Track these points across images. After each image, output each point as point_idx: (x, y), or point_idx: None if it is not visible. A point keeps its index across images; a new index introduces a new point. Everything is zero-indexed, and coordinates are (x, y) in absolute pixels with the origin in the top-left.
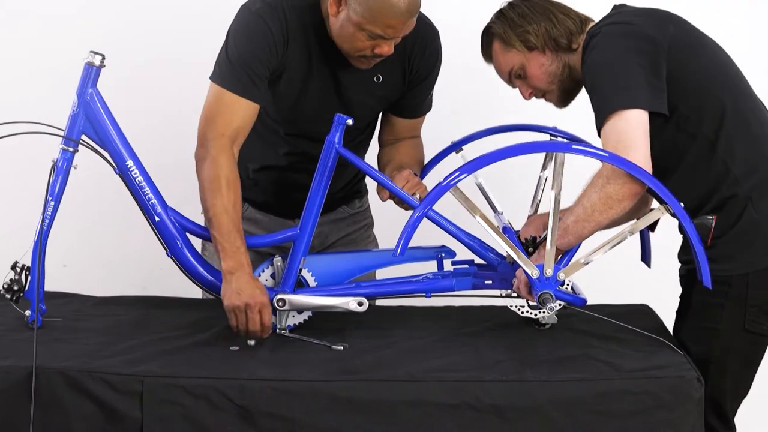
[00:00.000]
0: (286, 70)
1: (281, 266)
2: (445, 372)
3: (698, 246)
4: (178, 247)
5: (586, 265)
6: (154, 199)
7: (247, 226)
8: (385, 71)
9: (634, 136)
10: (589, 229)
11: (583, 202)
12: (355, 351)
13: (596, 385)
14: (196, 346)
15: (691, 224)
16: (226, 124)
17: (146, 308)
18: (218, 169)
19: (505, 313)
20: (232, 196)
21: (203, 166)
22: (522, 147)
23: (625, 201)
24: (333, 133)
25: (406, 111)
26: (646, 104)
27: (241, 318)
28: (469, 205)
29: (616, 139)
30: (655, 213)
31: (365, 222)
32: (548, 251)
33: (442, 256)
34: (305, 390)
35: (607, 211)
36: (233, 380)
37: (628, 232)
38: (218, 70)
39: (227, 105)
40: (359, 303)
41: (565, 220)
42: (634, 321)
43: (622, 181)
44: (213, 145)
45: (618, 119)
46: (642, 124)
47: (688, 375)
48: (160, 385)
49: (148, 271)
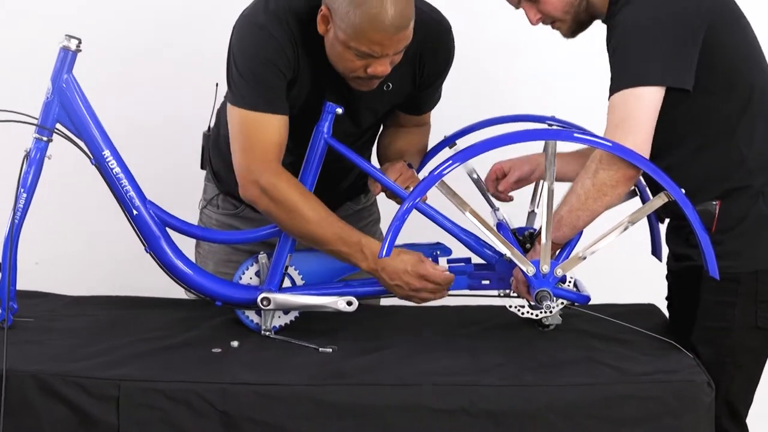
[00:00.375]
0: (298, 81)
1: (266, 263)
2: (440, 376)
3: (702, 234)
4: (157, 243)
5: (584, 259)
6: (132, 191)
7: (244, 226)
8: (395, 79)
9: (642, 119)
10: (584, 218)
11: (576, 189)
12: (344, 354)
13: (600, 390)
14: (176, 348)
15: (694, 211)
16: (265, 149)
17: (123, 308)
18: (284, 194)
19: (504, 314)
20: (315, 206)
21: (266, 203)
22: (519, 135)
23: (619, 186)
24: (322, 122)
25: (413, 109)
26: (668, 80)
27: (423, 293)
28: (457, 201)
29: (623, 115)
30: (655, 200)
31: (371, 218)
32: (543, 246)
33: (437, 253)
34: (291, 395)
35: (601, 198)
36: (215, 384)
37: (628, 222)
38: (236, 92)
39: (258, 128)
40: (348, 302)
41: (559, 210)
42: (640, 321)
43: (616, 167)
44: (264, 178)
45: (631, 95)
46: (654, 104)
47: (698, 379)
48: (138, 389)
49: (126, 268)
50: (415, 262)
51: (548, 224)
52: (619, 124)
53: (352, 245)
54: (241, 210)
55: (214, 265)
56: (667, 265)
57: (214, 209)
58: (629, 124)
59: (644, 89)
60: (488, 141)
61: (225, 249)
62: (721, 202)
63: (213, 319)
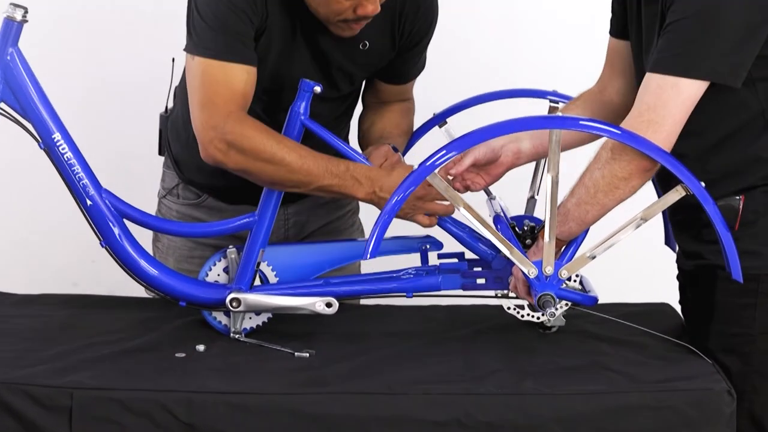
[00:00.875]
0: (266, 32)
1: (236, 259)
2: (431, 383)
3: (724, 232)
4: (113, 236)
5: (592, 259)
6: (85, 179)
7: (208, 216)
8: (372, 36)
9: (672, 113)
10: (593, 213)
11: (584, 180)
12: (324, 359)
13: (608, 399)
14: (136, 352)
15: (715, 206)
16: (228, 100)
17: (76, 308)
18: (254, 142)
19: (502, 314)
20: (291, 146)
21: (236, 158)
22: (519, 122)
23: (633, 179)
24: (298, 102)
25: (394, 76)
26: (719, 76)
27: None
28: (450, 195)
29: (653, 103)
30: (671, 194)
31: (349, 207)
32: (547, 245)
33: (426, 247)
34: (264, 405)
35: (612, 192)
36: (179, 393)
37: (641, 219)
38: (197, 40)
39: (222, 78)
40: (327, 304)
41: (565, 203)
42: (653, 323)
43: (629, 157)
44: (228, 129)
45: (670, 84)
46: (692, 99)
47: (718, 387)
48: (93, 398)
49: (79, 264)
50: (411, 167)
51: (552, 221)
52: (645, 111)
53: (342, 175)
54: (203, 199)
55: (175, 261)
56: (677, 264)
57: (174, 199)
58: (657, 115)
59: (687, 81)
60: (487, 129)
61: (187, 243)
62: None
63: (176, 320)
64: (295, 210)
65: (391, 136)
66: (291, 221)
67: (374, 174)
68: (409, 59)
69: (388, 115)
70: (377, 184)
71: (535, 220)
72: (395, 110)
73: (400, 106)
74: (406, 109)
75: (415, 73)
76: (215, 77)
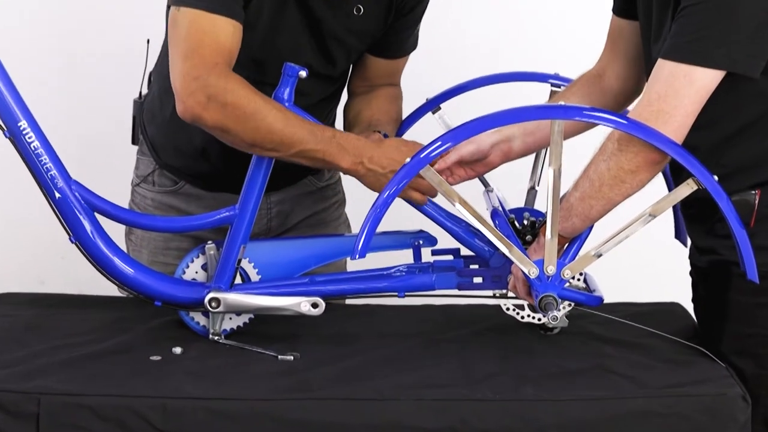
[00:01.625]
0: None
1: (215, 255)
2: (424, 388)
3: (739, 229)
4: (84, 231)
5: (598, 257)
6: (54, 169)
7: (185, 204)
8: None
9: (684, 104)
10: (597, 208)
11: (589, 173)
12: (309, 362)
13: (614, 405)
14: (107, 355)
15: (729, 201)
16: (214, 52)
17: (44, 308)
18: (237, 96)
19: (500, 314)
20: (276, 105)
21: (216, 113)
22: (519, 112)
23: (640, 173)
24: (282, 87)
25: (386, 49)
26: (736, 66)
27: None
28: (445, 189)
29: (664, 92)
30: (682, 188)
31: (336, 198)
32: (548, 243)
33: (419, 243)
34: (246, 412)
35: (618, 186)
36: (154, 399)
37: (650, 214)
38: None
39: (209, 30)
40: (314, 304)
41: (569, 197)
42: (662, 324)
43: (636, 148)
44: (212, 80)
45: (683, 73)
46: (705, 90)
47: (732, 392)
48: (61, 404)
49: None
50: (403, 140)
51: (554, 217)
52: (655, 100)
53: (327, 141)
54: (180, 186)
55: (149, 254)
56: (690, 260)
57: (148, 187)
58: (668, 105)
59: (701, 70)
60: (485, 119)
61: (163, 234)
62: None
63: (151, 321)
64: (279, 199)
65: (380, 124)
66: (274, 211)
67: (363, 144)
68: (402, 29)
69: (376, 102)
70: (366, 154)
71: (535, 213)
72: (383, 96)
73: (388, 92)
74: (394, 96)
75: (407, 47)
76: (202, 28)
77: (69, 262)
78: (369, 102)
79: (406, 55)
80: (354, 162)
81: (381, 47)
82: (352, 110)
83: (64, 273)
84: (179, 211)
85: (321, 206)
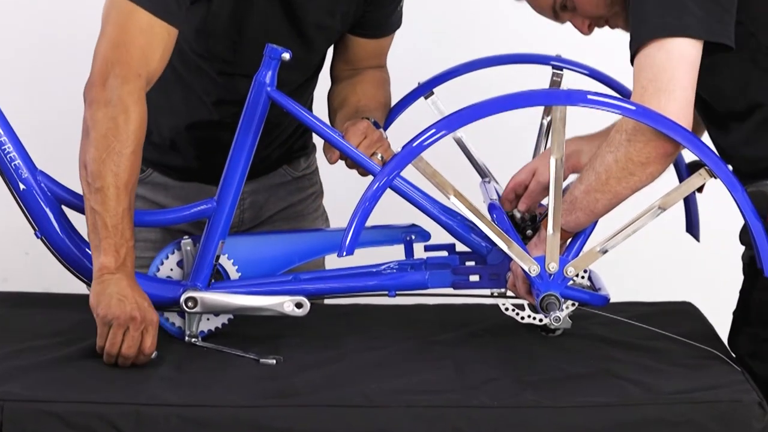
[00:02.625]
0: None
1: (192, 251)
2: (416, 394)
3: (755, 222)
4: (50, 225)
5: (603, 254)
6: (18, 159)
7: (152, 193)
8: None
9: (674, 76)
10: (603, 202)
11: (595, 165)
12: (293, 366)
13: (622, 413)
14: (76, 358)
15: (744, 193)
16: (143, 58)
17: (7, 308)
18: (127, 123)
19: (498, 315)
20: (134, 166)
21: (101, 113)
22: (519, 98)
23: (650, 165)
24: (263, 71)
25: (369, 28)
26: (700, 31)
27: (117, 335)
28: (438, 182)
29: (650, 76)
30: (693, 179)
31: (313, 189)
32: (551, 238)
33: (411, 238)
34: (225, 419)
35: (626, 179)
36: (126, 405)
37: (659, 207)
38: None
39: (142, 29)
40: (298, 304)
41: (573, 190)
42: (673, 325)
43: (645, 138)
44: (124, 88)
45: (657, 50)
46: (687, 59)
47: (747, 398)
48: (27, 412)
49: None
50: (145, 316)
51: (556, 210)
52: (646, 86)
53: (118, 230)
54: (148, 175)
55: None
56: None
57: None
58: (658, 85)
59: (672, 40)
60: (482, 105)
61: None
62: None
63: None
64: (252, 189)
65: (368, 110)
66: (247, 202)
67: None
68: (386, 4)
69: (362, 87)
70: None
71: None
72: (369, 81)
73: (374, 75)
74: (381, 79)
75: (391, 24)
76: (139, 25)
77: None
78: (354, 87)
79: (391, 34)
80: (105, 268)
81: (362, 25)
82: (338, 96)
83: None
84: (146, 200)
85: (297, 197)
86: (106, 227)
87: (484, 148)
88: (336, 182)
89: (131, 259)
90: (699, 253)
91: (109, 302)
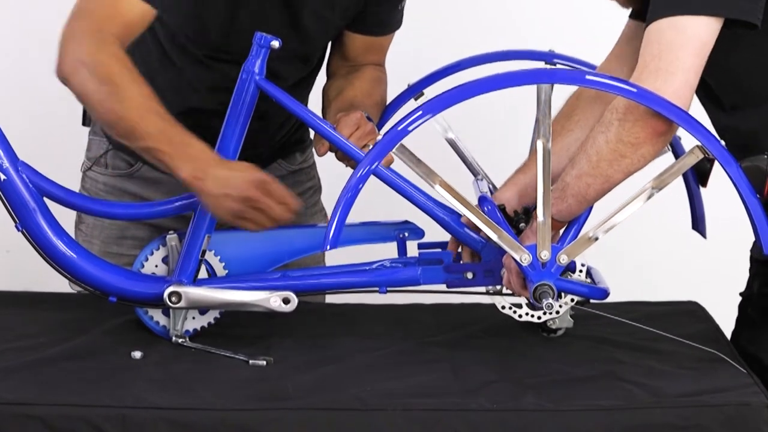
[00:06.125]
0: None
1: (177, 247)
2: (412, 397)
3: (750, 198)
4: (32, 218)
5: (595, 240)
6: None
7: (142, 189)
8: None
9: (681, 57)
10: (595, 187)
11: (586, 148)
12: (284, 368)
13: (626, 417)
14: (59, 360)
15: (738, 168)
16: (105, 18)
17: None
18: (107, 66)
19: (496, 314)
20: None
21: (83, 78)
22: (508, 77)
23: (643, 146)
24: (252, 59)
25: (370, 25)
26: (722, 8)
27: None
28: (422, 170)
29: (656, 52)
30: (687, 158)
31: (310, 184)
32: (541, 225)
33: (404, 235)
34: (213, 422)
35: (618, 161)
36: (111, 409)
37: (653, 187)
38: None
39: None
40: (285, 300)
41: (564, 176)
42: (679, 325)
43: (635, 117)
44: (88, 42)
45: (669, 26)
46: (700, 39)
47: (756, 401)
48: (9, 415)
49: None
50: (255, 169)
51: (545, 196)
52: (650, 61)
53: (177, 145)
54: (136, 169)
55: (101, 245)
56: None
57: (101, 170)
58: (663, 62)
59: (688, 19)
60: (465, 87)
61: (118, 222)
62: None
63: (107, 320)
64: None
65: (362, 105)
66: None
67: (209, 158)
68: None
69: (358, 83)
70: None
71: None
72: (366, 78)
73: (372, 73)
74: (377, 78)
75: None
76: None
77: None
78: (351, 83)
79: (391, 33)
80: (191, 175)
81: (363, 22)
82: (333, 91)
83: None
84: (135, 196)
85: (293, 192)
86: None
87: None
88: (334, 179)
89: (204, 149)
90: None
91: (222, 205)
